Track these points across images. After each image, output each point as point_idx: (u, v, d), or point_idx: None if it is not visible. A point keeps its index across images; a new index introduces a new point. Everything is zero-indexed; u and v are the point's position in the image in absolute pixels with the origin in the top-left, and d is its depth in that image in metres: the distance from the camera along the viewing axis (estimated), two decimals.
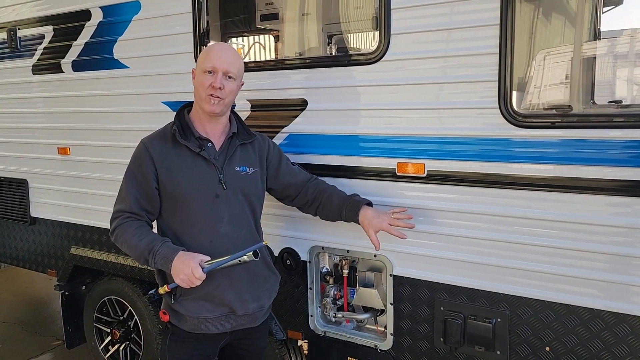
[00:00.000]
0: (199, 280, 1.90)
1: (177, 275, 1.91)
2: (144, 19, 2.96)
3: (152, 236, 2.02)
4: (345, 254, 2.52)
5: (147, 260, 1.98)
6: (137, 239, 2.00)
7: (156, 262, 1.96)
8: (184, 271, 1.89)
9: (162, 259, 1.95)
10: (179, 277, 1.91)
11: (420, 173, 2.26)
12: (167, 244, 1.99)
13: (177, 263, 1.92)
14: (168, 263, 1.93)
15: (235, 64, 2.07)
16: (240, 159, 2.15)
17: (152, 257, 1.96)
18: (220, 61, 2.03)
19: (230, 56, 2.08)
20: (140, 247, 1.98)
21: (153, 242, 1.98)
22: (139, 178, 2.06)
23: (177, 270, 1.91)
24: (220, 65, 2.03)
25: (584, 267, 1.99)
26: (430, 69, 2.20)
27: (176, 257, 1.93)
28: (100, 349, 3.58)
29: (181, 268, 1.90)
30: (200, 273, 1.89)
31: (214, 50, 2.10)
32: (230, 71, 2.04)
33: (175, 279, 1.93)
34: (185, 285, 1.93)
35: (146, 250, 1.97)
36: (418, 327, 2.37)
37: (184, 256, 1.93)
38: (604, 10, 3.10)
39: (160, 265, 1.97)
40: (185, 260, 1.91)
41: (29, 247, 3.84)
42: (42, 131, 3.58)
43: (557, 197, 2.01)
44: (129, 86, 3.09)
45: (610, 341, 1.98)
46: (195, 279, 1.90)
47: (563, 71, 2.51)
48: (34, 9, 3.50)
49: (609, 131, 1.91)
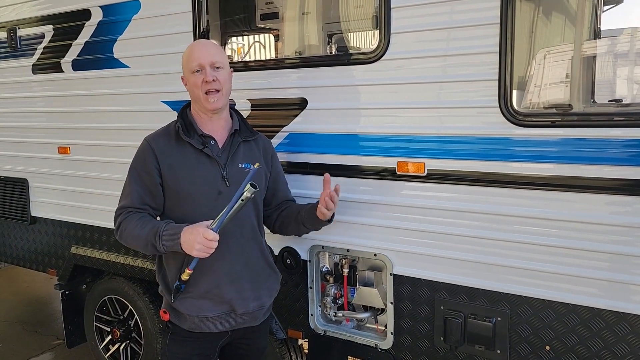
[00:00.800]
0: (214, 241, 1.88)
1: (191, 247, 1.89)
2: (144, 18, 2.96)
3: (154, 222, 2.02)
4: (346, 253, 2.52)
5: (155, 245, 1.96)
6: (140, 227, 1.99)
7: (164, 243, 1.95)
8: (197, 240, 1.87)
9: (169, 238, 1.94)
10: (194, 249, 1.88)
11: (420, 172, 2.26)
12: (171, 224, 1.98)
13: (186, 237, 1.91)
14: (176, 240, 1.92)
15: (218, 54, 2.09)
16: (244, 155, 2.15)
17: (159, 239, 1.95)
18: (202, 56, 2.04)
19: (210, 48, 2.10)
20: (144, 235, 1.97)
21: (156, 226, 1.97)
22: (142, 175, 2.06)
23: (190, 243, 1.89)
24: (205, 59, 2.04)
25: (584, 266, 1.99)
26: (430, 68, 2.20)
27: (182, 232, 1.92)
28: (101, 348, 3.58)
29: (192, 239, 1.88)
30: (212, 234, 1.88)
31: (193, 49, 2.10)
32: (215, 61, 2.05)
33: (191, 252, 1.90)
34: (204, 254, 1.90)
35: (151, 234, 1.96)
36: (418, 326, 2.37)
37: (189, 229, 1.92)
38: (604, 9, 3.10)
39: (169, 246, 1.95)
40: (192, 231, 1.90)
41: (30, 246, 3.84)
42: (42, 130, 3.58)
43: (557, 196, 2.01)
44: (129, 85, 3.09)
45: (611, 340, 1.98)
46: (210, 242, 1.88)
47: (563, 70, 2.50)
48: (34, 8, 3.50)
49: (609, 130, 1.91)
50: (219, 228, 1.90)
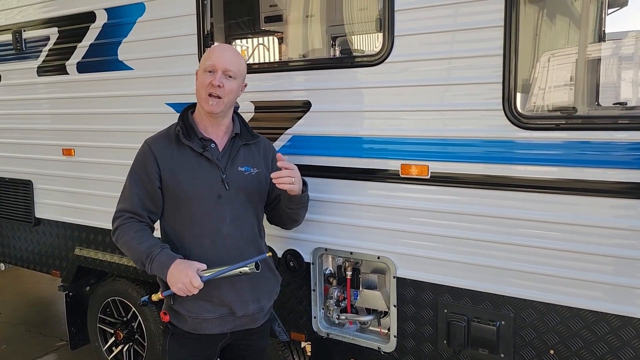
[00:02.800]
0: (196, 289, 1.90)
1: (174, 283, 1.90)
2: (149, 20, 2.97)
3: (152, 241, 2.01)
4: (349, 256, 2.51)
5: (144, 264, 1.98)
6: (137, 242, 2.00)
7: (153, 267, 1.96)
8: (181, 280, 1.88)
9: (159, 265, 1.95)
10: (176, 286, 1.90)
11: (424, 175, 2.26)
12: (166, 251, 1.99)
13: (175, 271, 1.91)
14: (165, 270, 1.93)
15: (236, 64, 2.08)
16: (244, 159, 2.15)
17: (150, 262, 1.96)
18: (220, 60, 2.04)
19: (231, 56, 2.09)
20: (139, 251, 1.98)
21: (152, 248, 1.97)
22: (142, 178, 2.06)
23: (175, 278, 1.90)
24: (220, 63, 2.03)
25: (589, 270, 1.98)
26: (434, 70, 2.20)
27: (173, 265, 1.92)
28: (104, 350, 3.59)
29: (179, 276, 1.89)
30: (198, 282, 1.89)
31: (215, 50, 2.12)
32: (229, 69, 2.05)
33: (172, 287, 1.92)
34: (181, 294, 1.92)
35: (144, 254, 1.97)
36: (421, 329, 2.37)
37: (181, 264, 1.92)
38: (608, 11, 3.09)
39: (157, 272, 1.96)
40: (183, 269, 1.90)
41: (34, 247, 3.86)
42: (46, 132, 3.60)
43: (562, 200, 2.00)
44: (133, 87, 3.10)
45: (615, 344, 1.97)
46: (193, 288, 1.89)
47: (567, 73, 2.50)
48: (40, 10, 3.52)
49: (613, 133, 1.90)
50: (207, 280, 1.92)
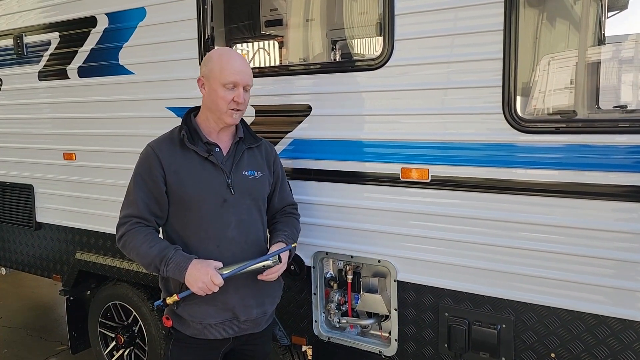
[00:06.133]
0: (217, 287, 1.91)
1: (194, 283, 1.91)
2: (149, 25, 2.98)
3: (163, 244, 2.01)
4: (350, 260, 2.51)
5: (158, 269, 1.97)
6: (147, 246, 1.98)
7: (169, 270, 1.95)
8: (202, 279, 1.90)
9: (175, 267, 1.94)
10: (196, 286, 1.90)
11: (424, 178, 2.26)
12: (180, 252, 1.98)
13: (193, 271, 1.92)
14: (182, 271, 1.93)
15: (251, 75, 2.10)
16: (248, 163, 2.15)
17: (165, 265, 1.95)
18: (241, 76, 2.04)
19: (247, 68, 2.09)
20: (150, 255, 1.97)
21: (165, 250, 1.97)
22: (147, 182, 2.04)
23: (195, 278, 1.91)
24: (242, 80, 2.04)
25: (590, 273, 1.98)
26: (434, 74, 2.20)
27: (190, 265, 1.93)
28: (105, 354, 3.58)
29: (199, 276, 1.90)
30: (220, 280, 1.91)
31: (232, 64, 2.04)
32: (249, 84, 2.08)
33: (192, 287, 1.92)
34: (202, 293, 1.93)
35: (157, 258, 1.96)
36: (422, 333, 2.36)
37: (199, 264, 1.93)
38: (608, 15, 3.09)
39: (173, 274, 1.95)
40: (201, 268, 1.91)
41: (35, 252, 3.86)
42: (48, 137, 3.60)
43: (562, 203, 2.00)
44: (134, 92, 3.10)
45: (617, 348, 1.96)
46: (214, 286, 1.91)
47: (567, 76, 2.50)
48: (41, 15, 3.53)
49: (614, 136, 1.90)
50: (228, 277, 1.93)
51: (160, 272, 1.98)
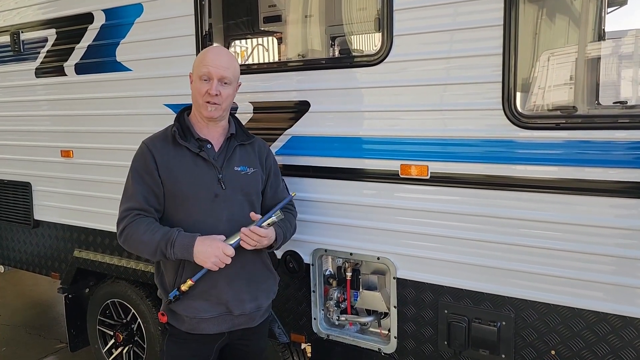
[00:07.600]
0: (229, 258, 1.94)
1: (207, 259, 1.93)
2: (147, 21, 2.96)
3: (165, 228, 2.02)
4: (349, 257, 2.50)
5: (164, 253, 1.97)
6: (150, 233, 1.99)
7: (175, 251, 1.96)
8: (214, 253, 1.93)
9: (182, 247, 1.95)
10: (210, 261, 1.93)
11: (423, 175, 2.25)
12: (182, 232, 2.00)
13: (202, 248, 1.94)
14: (190, 249, 1.95)
15: (230, 69, 2.07)
16: (240, 159, 2.16)
17: (171, 246, 1.96)
18: (215, 68, 2.03)
19: (225, 61, 2.07)
20: (154, 240, 1.97)
21: (169, 233, 1.98)
22: (144, 176, 2.06)
23: (206, 254, 1.93)
24: (216, 72, 2.03)
25: (590, 270, 1.98)
26: (433, 70, 2.19)
27: (196, 243, 1.95)
28: (104, 352, 3.57)
29: (210, 251, 1.93)
30: (231, 250, 1.95)
31: (208, 56, 2.08)
32: (225, 77, 2.05)
33: (205, 263, 1.94)
34: (215, 268, 1.95)
35: (162, 241, 1.97)
36: (422, 330, 2.36)
37: (205, 240, 1.96)
38: (608, 10, 3.08)
39: (181, 254, 1.96)
40: (210, 244, 1.94)
41: (33, 250, 3.85)
42: (45, 134, 3.59)
43: (562, 199, 1.99)
44: (131, 89, 3.09)
45: (617, 344, 1.96)
46: (227, 258, 1.94)
47: (567, 72, 2.49)
48: (38, 12, 3.51)
49: (614, 132, 1.90)
50: (237, 245, 1.97)
51: (167, 255, 1.97)
